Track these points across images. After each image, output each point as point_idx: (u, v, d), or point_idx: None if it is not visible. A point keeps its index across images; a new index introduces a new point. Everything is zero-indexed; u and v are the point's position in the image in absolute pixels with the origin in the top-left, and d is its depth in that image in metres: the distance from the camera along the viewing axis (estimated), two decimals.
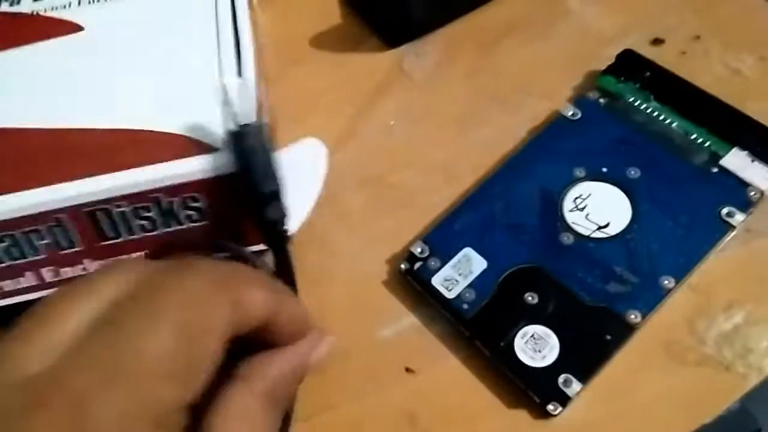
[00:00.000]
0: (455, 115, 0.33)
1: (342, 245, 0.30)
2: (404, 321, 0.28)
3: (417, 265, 0.28)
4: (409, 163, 0.32)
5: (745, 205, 0.27)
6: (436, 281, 0.27)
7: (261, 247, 0.27)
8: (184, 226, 0.26)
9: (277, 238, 0.25)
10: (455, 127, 0.33)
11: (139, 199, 0.24)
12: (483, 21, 0.36)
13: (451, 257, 0.28)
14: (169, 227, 0.26)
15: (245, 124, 0.24)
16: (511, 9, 0.36)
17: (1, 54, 0.28)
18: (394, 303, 0.28)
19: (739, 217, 0.26)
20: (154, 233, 0.26)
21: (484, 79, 0.34)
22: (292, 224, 0.26)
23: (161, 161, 0.24)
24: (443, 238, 0.28)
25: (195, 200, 0.25)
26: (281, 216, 0.25)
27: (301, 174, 0.30)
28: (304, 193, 0.30)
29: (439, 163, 0.32)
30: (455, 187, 0.31)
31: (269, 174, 0.24)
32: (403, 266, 0.28)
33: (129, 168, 0.24)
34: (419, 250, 0.28)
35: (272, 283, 0.21)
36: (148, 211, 0.25)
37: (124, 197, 0.24)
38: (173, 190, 0.24)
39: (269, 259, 0.26)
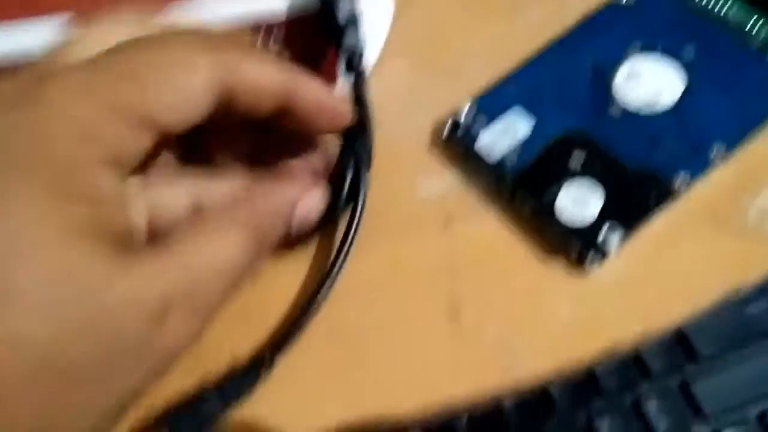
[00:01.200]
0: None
1: (386, 107, 0.30)
2: (446, 179, 0.28)
3: (463, 125, 0.28)
4: (457, 42, 0.32)
5: None
6: (482, 141, 0.27)
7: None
8: None
9: (355, 67, 0.26)
10: (505, 9, 0.33)
11: None
12: None
13: (497, 121, 0.28)
14: None
15: None
16: None
17: None
18: (436, 163, 0.28)
19: None
20: None
21: None
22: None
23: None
24: (491, 103, 0.28)
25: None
26: (358, 44, 0.26)
27: (367, 17, 0.30)
28: (370, 38, 0.30)
29: (487, 43, 0.32)
30: (502, 65, 0.30)
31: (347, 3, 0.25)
32: (448, 128, 0.28)
33: None
34: (465, 112, 0.28)
35: (284, 63, 0.21)
36: None
37: None
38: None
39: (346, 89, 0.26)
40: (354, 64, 0.27)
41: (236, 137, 0.24)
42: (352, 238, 0.25)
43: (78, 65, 0.18)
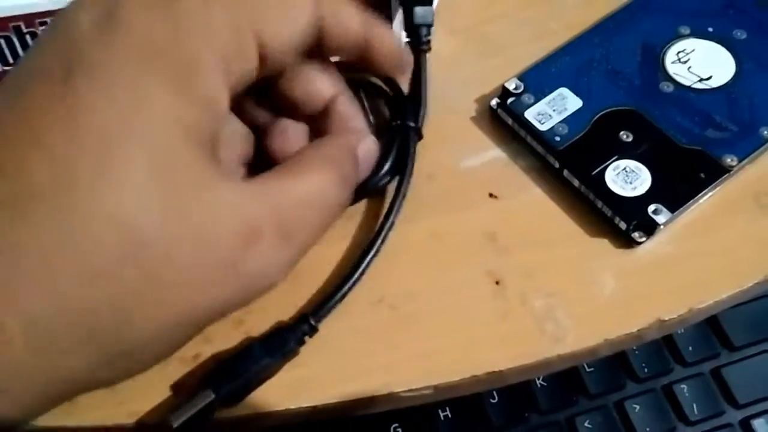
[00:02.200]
0: None
1: (433, 80, 0.30)
2: (491, 153, 0.28)
3: (510, 100, 0.28)
4: (504, 17, 0.32)
5: None
6: (530, 115, 0.27)
7: None
8: None
9: (421, 40, 0.27)
10: None
11: None
12: None
13: (545, 95, 0.28)
14: None
15: None
16: None
17: None
18: (481, 137, 0.28)
19: None
20: None
21: None
22: None
23: None
24: (539, 78, 0.28)
25: None
26: (428, 18, 0.27)
27: None
28: None
29: (533, 18, 0.32)
30: (549, 41, 0.30)
31: None
32: (495, 102, 0.28)
33: None
34: (513, 86, 0.28)
35: (367, 12, 0.22)
36: None
37: None
38: None
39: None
40: (421, 37, 0.27)
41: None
42: (399, 206, 0.25)
43: None
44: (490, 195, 0.27)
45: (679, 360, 0.33)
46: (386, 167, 0.25)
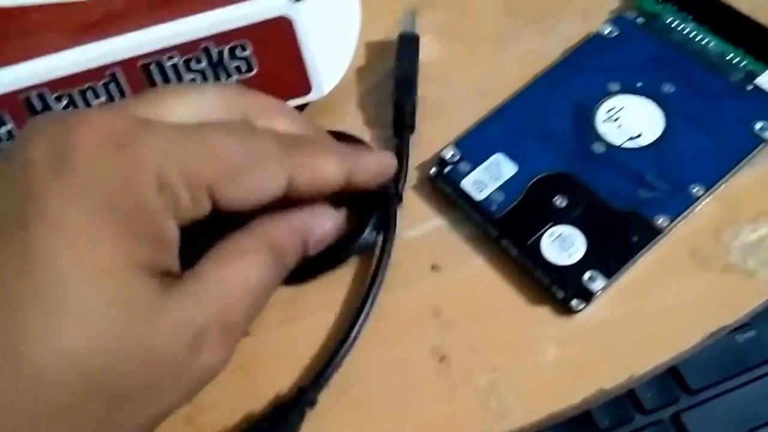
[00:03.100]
0: (489, 34, 0.33)
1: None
2: (432, 222, 0.28)
3: (447, 168, 0.28)
4: (441, 78, 0.32)
5: None
6: (466, 183, 0.27)
7: (306, 97, 0.29)
8: (233, 78, 0.27)
9: (403, 124, 0.29)
10: (489, 46, 0.33)
11: (189, 49, 0.26)
12: None
13: (481, 161, 0.28)
14: (219, 79, 0.27)
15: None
16: None
17: None
18: (421, 206, 0.29)
19: None
20: None
21: (519, 1, 0.34)
22: (327, 82, 0.29)
23: (207, 10, 0.26)
24: (474, 144, 0.28)
25: (243, 49, 0.26)
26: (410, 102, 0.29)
27: (334, 28, 0.30)
28: (337, 51, 0.30)
29: (471, 79, 0.32)
30: (486, 101, 0.31)
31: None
32: (433, 170, 0.28)
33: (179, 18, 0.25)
34: (450, 154, 0.28)
35: (345, 148, 0.24)
36: (199, 63, 0.26)
37: (174, 47, 0.25)
38: (221, 37, 0.26)
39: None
40: (405, 118, 0.29)
41: None
42: (384, 269, 0.26)
43: (174, 126, 0.20)
44: (433, 267, 0.27)
45: (638, 408, 0.34)
46: (366, 232, 0.26)
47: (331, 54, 0.29)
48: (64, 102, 0.26)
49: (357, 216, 0.26)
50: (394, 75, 0.31)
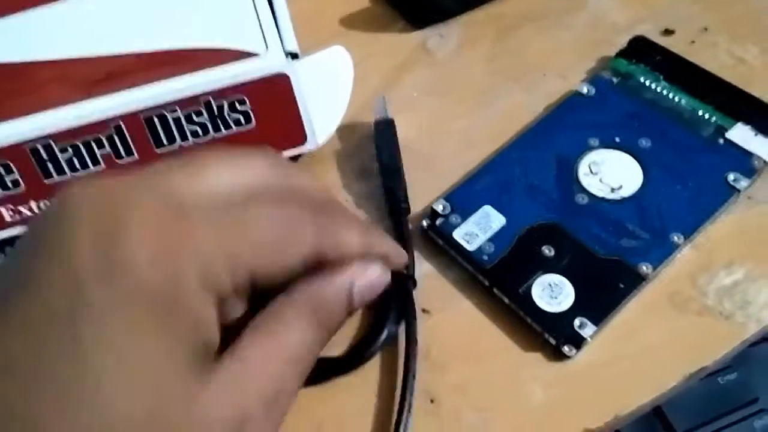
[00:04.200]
0: (475, 91, 0.35)
1: (360, 202, 0.32)
2: (422, 267, 0.29)
3: (439, 221, 0.29)
4: (430, 131, 0.34)
5: (750, 171, 0.29)
6: (458, 235, 0.29)
7: (300, 148, 0.30)
8: (233, 130, 0.28)
9: (399, 210, 0.30)
10: (474, 101, 0.35)
11: (190, 103, 0.27)
12: (503, 9, 0.38)
13: (471, 214, 0.29)
14: (219, 131, 0.28)
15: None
16: (529, 0, 0.39)
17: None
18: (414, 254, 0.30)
19: (744, 183, 0.28)
20: (206, 137, 0.28)
21: (502, 61, 0.36)
22: (322, 134, 0.30)
23: (208, 68, 0.27)
24: (464, 197, 0.30)
25: (242, 103, 0.28)
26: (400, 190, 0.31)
27: (328, 83, 0.31)
28: (331, 104, 0.31)
29: (458, 132, 0.34)
30: (473, 154, 0.32)
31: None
32: (425, 222, 0.30)
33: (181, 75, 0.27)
34: (441, 207, 0.30)
35: (366, 226, 0.24)
36: (199, 116, 0.28)
37: (176, 102, 0.27)
38: (222, 93, 0.27)
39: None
40: (400, 202, 0.30)
41: None
42: (415, 355, 0.26)
43: (218, 208, 0.20)
44: (423, 311, 0.28)
45: None
46: (388, 324, 0.27)
47: (326, 107, 0.31)
48: (69, 153, 0.27)
49: (375, 309, 0.27)
50: (378, 161, 0.32)
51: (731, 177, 0.29)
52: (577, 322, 0.26)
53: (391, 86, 0.36)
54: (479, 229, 0.29)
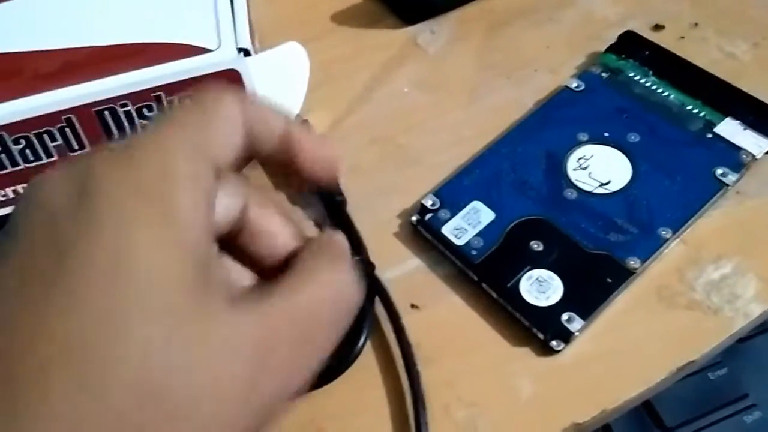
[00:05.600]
0: (465, 86, 0.35)
1: (352, 197, 0.32)
2: (411, 263, 0.29)
3: (428, 216, 0.29)
4: (420, 126, 0.34)
5: (738, 166, 0.29)
6: (446, 230, 0.29)
7: None
8: None
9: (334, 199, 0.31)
10: (465, 96, 0.35)
11: (141, 98, 0.27)
12: (494, 5, 0.38)
13: (460, 209, 0.29)
14: None
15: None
16: None
17: None
18: (401, 249, 0.30)
19: (732, 177, 0.28)
20: None
21: (493, 57, 0.36)
22: None
23: (160, 63, 0.27)
24: (453, 192, 0.30)
25: None
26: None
27: (282, 79, 0.31)
28: (285, 100, 0.31)
29: (448, 127, 0.34)
30: (463, 149, 0.32)
31: None
32: (414, 217, 0.30)
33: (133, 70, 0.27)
34: (430, 202, 0.30)
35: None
36: (151, 110, 0.27)
37: (128, 96, 0.27)
38: (173, 87, 0.27)
39: None
40: (335, 195, 0.31)
41: None
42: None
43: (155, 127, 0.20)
44: (412, 306, 0.28)
45: None
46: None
47: (279, 103, 0.30)
48: (22, 144, 0.27)
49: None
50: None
51: (719, 171, 0.29)
52: (565, 316, 0.26)
53: (382, 82, 0.36)
54: (468, 224, 0.29)
